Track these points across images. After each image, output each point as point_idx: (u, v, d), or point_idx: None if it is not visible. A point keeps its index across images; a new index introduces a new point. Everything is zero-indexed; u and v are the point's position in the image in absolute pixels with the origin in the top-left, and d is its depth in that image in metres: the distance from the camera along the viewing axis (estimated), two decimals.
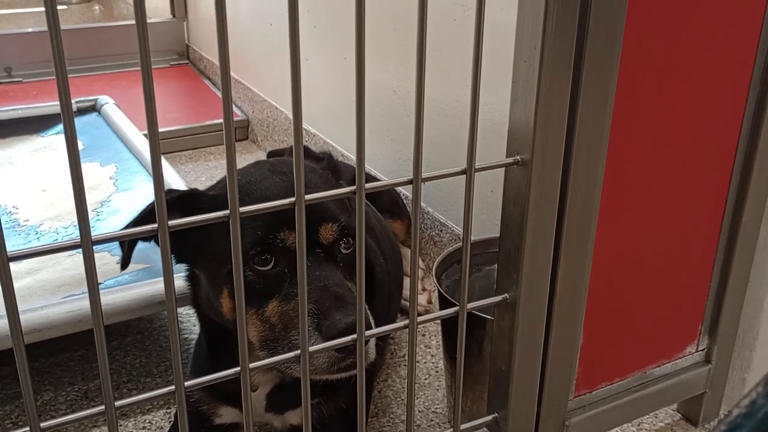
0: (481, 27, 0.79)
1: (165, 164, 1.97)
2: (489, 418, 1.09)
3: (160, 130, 0.66)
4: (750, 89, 1.12)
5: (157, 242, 0.72)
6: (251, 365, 0.80)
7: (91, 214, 1.84)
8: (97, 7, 5.18)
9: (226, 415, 1.23)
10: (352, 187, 0.79)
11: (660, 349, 1.25)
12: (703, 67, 1.05)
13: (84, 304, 1.38)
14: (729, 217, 1.20)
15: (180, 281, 1.39)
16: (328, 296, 0.97)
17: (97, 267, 0.69)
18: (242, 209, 0.73)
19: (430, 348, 1.68)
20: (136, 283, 1.47)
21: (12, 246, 1.70)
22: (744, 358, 1.38)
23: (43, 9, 0.60)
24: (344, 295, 0.97)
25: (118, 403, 0.75)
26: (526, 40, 0.86)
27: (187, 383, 0.78)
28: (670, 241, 1.16)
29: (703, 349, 1.31)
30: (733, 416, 0.36)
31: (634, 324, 1.19)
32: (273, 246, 0.99)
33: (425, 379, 1.58)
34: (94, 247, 0.68)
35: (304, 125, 2.40)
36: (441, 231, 1.91)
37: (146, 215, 1.05)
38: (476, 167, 0.86)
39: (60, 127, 0.60)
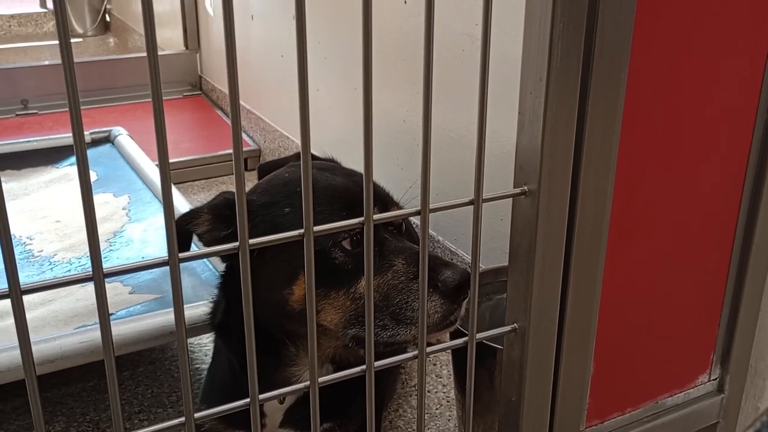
0: (487, 59, 0.80)
1: (177, 194, 1.99)
2: None
3: (172, 160, 0.67)
4: (758, 113, 1.12)
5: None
6: (261, 396, 0.81)
7: (104, 245, 1.86)
8: (111, 40, 5.26)
9: None
10: (361, 219, 0.79)
11: (672, 378, 1.24)
12: (709, 93, 1.06)
13: (96, 334, 1.38)
14: (739, 243, 1.20)
15: (192, 311, 1.41)
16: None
17: (109, 297, 0.70)
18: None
19: (441, 378, 1.67)
20: (148, 314, 1.47)
21: (25, 277, 1.72)
22: (757, 387, 1.37)
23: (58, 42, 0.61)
24: (438, 256, 0.99)
25: None
26: (532, 71, 0.87)
27: (197, 414, 0.78)
28: (680, 268, 1.15)
29: (716, 379, 1.30)
30: None
31: (645, 353, 1.18)
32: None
33: (436, 409, 1.57)
34: (106, 278, 0.69)
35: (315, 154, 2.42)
36: (451, 260, 1.91)
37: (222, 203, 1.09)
38: (484, 198, 0.87)
39: (74, 158, 0.61)
